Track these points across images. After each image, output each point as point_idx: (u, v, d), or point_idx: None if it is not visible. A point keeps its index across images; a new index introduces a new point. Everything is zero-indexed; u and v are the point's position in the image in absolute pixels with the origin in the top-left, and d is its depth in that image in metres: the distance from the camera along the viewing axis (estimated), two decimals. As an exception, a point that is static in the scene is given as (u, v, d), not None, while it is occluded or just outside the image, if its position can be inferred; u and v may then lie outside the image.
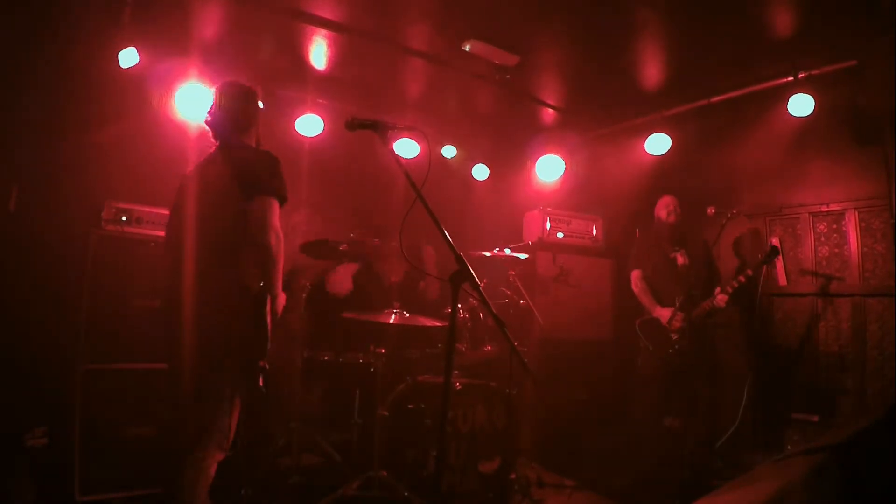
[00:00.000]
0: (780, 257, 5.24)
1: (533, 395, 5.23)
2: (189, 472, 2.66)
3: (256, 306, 2.78)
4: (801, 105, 4.62)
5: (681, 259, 5.05)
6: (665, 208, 5.19)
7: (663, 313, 4.95)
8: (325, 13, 4.31)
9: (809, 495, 1.39)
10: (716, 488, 1.41)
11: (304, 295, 4.61)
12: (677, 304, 4.83)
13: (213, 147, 3.11)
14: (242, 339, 2.72)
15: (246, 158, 2.93)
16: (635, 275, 5.28)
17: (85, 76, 4.32)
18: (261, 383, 2.76)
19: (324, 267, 5.19)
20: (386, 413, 4.15)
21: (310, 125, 5.41)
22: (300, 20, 4.36)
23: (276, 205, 2.83)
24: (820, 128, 4.85)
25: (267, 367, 2.76)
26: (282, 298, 2.94)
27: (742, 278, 4.57)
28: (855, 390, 4.75)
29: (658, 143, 5.57)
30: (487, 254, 4.76)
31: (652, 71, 5.05)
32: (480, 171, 6.78)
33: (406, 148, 5.83)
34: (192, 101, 4.49)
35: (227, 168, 2.88)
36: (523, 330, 5.22)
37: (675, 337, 4.81)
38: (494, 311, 2.32)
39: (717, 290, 4.68)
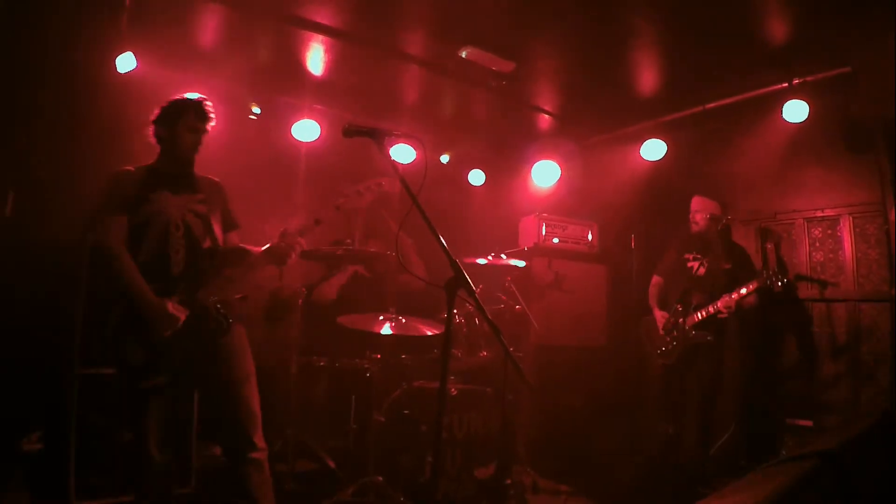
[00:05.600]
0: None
1: (528, 400, 5.23)
2: None
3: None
4: (795, 111, 4.63)
5: (698, 267, 4.87)
6: (693, 214, 4.99)
7: (658, 315, 4.96)
8: (323, 19, 4.32)
9: (802, 501, 1.39)
10: (708, 495, 1.41)
11: (300, 301, 4.61)
12: (674, 310, 4.83)
13: None
14: None
15: None
16: (653, 281, 5.22)
17: (82, 81, 4.32)
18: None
19: (321, 273, 5.20)
20: (382, 419, 4.15)
21: (307, 131, 5.42)
22: (297, 26, 4.37)
23: (100, 221, 2.93)
24: (814, 134, 4.86)
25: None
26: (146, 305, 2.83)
27: (735, 295, 4.51)
28: (849, 395, 4.77)
29: (653, 150, 5.59)
30: (483, 261, 4.74)
31: (647, 78, 5.07)
32: (476, 177, 6.79)
33: (402, 154, 5.84)
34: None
35: None
36: (519, 335, 5.22)
37: (667, 339, 4.81)
38: (490, 317, 2.32)
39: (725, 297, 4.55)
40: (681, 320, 4.74)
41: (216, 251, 3.12)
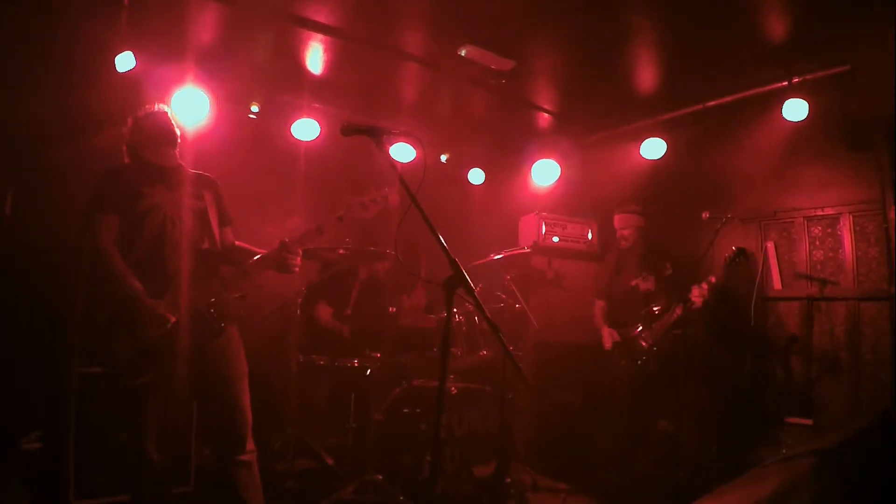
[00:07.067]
0: (765, 259, 5.26)
1: (528, 399, 5.22)
2: None
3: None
4: (795, 110, 4.63)
5: (643, 285, 5.06)
6: (619, 232, 5.23)
7: (606, 332, 5.14)
8: (322, 18, 4.32)
9: (802, 500, 1.39)
10: (709, 492, 1.41)
11: (299, 300, 4.61)
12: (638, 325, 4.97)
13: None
14: None
15: None
16: (598, 305, 5.38)
17: (81, 80, 4.31)
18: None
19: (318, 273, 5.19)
20: (381, 417, 4.15)
21: (306, 130, 5.41)
22: (296, 25, 4.37)
23: (92, 221, 2.85)
24: (814, 132, 4.85)
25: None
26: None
27: (705, 285, 4.60)
28: (849, 394, 4.76)
29: (653, 148, 5.58)
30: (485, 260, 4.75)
31: (646, 76, 5.06)
32: (476, 176, 6.79)
33: (402, 153, 5.84)
34: (188, 106, 4.49)
35: None
36: (518, 334, 5.21)
37: (644, 346, 4.91)
38: (489, 316, 2.32)
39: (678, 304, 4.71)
40: (652, 327, 4.88)
41: (213, 252, 3.10)
